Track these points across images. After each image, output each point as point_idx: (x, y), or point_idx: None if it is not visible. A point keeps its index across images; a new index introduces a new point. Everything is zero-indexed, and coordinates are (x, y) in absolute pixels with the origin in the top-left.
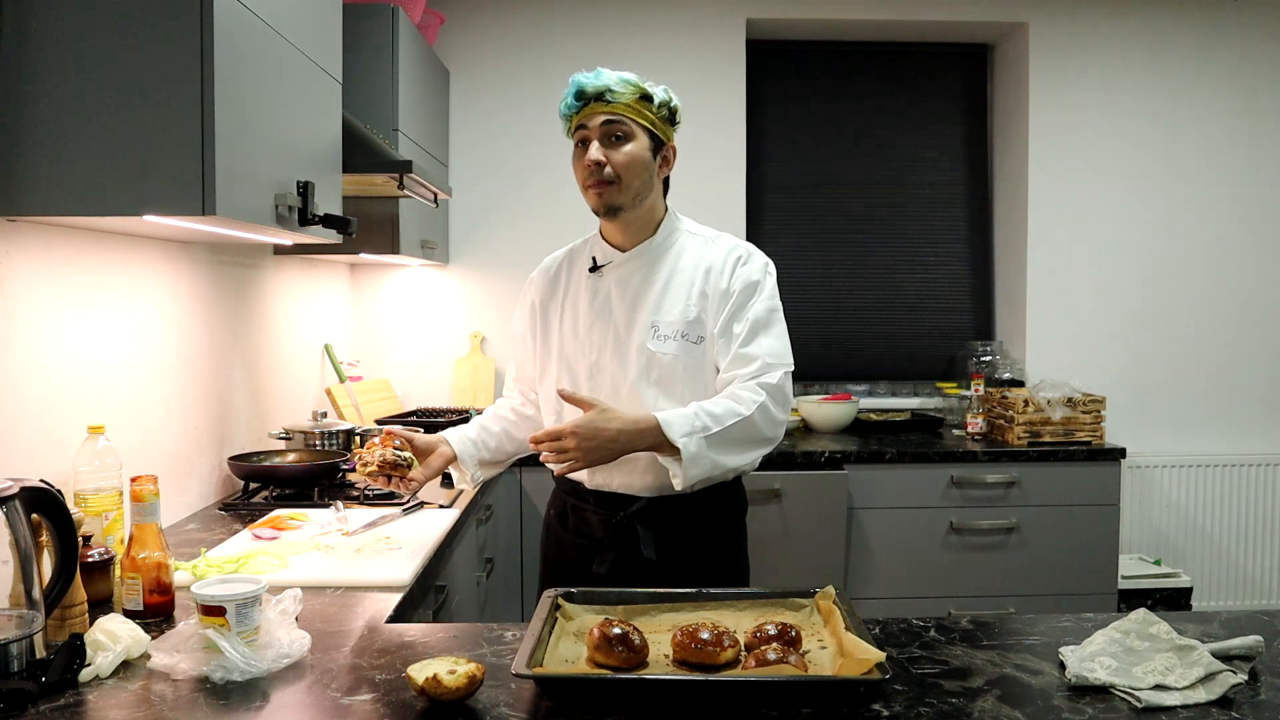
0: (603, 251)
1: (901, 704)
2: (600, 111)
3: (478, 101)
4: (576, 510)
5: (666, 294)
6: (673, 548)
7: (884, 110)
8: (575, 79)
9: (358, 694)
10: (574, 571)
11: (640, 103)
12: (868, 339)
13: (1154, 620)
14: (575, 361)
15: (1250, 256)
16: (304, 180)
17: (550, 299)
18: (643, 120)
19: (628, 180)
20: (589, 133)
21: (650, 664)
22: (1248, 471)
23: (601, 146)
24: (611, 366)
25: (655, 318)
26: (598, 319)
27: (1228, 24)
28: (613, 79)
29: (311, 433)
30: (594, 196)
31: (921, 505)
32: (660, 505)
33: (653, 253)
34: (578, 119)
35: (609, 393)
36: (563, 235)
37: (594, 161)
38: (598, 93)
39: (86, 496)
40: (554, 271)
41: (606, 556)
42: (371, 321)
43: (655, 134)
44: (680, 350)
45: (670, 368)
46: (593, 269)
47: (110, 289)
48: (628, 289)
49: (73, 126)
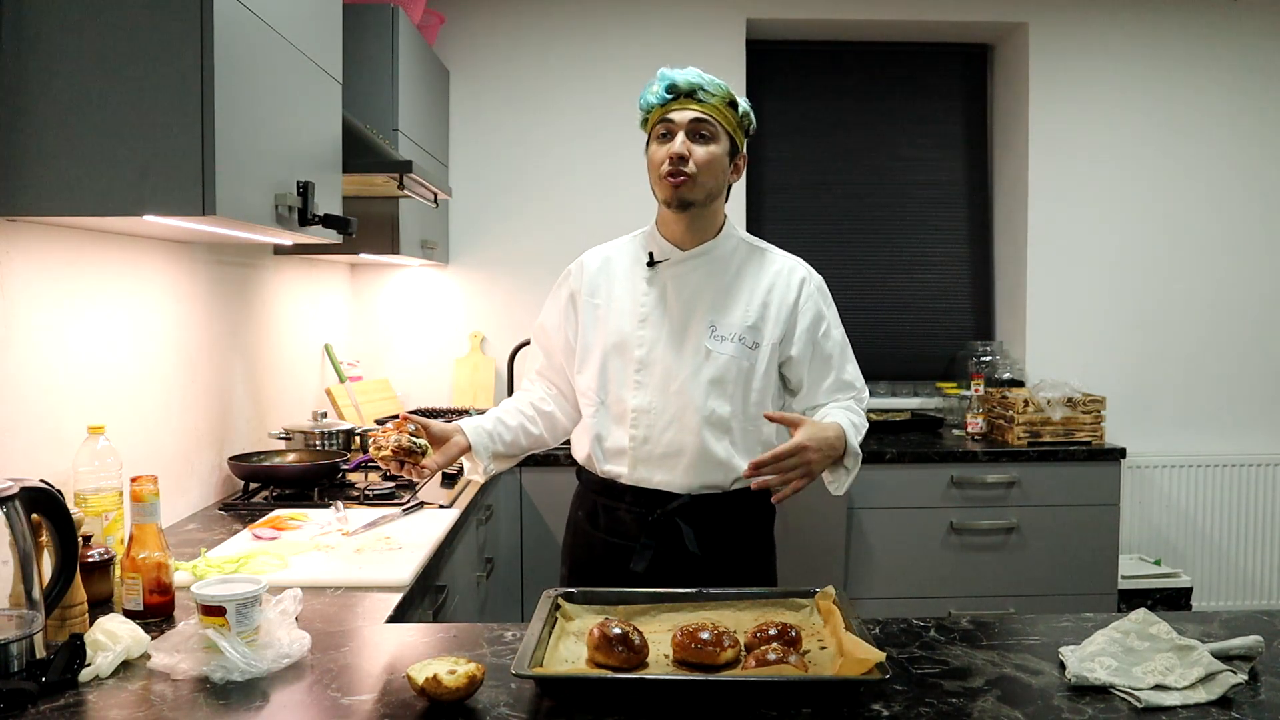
0: (660, 248)
1: (901, 704)
2: (690, 108)
3: (478, 101)
4: (609, 509)
5: (727, 296)
6: (711, 545)
7: (884, 110)
8: (666, 73)
9: (358, 694)
10: (606, 571)
11: (727, 107)
12: (868, 339)
13: (1154, 620)
14: (626, 353)
15: (1250, 256)
16: (304, 180)
17: (596, 291)
18: (727, 124)
19: (705, 178)
20: (675, 126)
21: (650, 664)
22: (1248, 471)
23: (687, 141)
24: (665, 360)
25: (713, 318)
26: (652, 312)
27: (1228, 24)
28: (706, 79)
29: (311, 433)
30: (669, 187)
31: (921, 505)
32: (702, 503)
33: (714, 254)
34: (664, 111)
35: (659, 386)
36: (563, 235)
37: (678, 154)
38: (690, 89)
39: (86, 496)
40: (600, 264)
41: (644, 554)
42: (371, 321)
43: (733, 140)
44: (737, 352)
45: (725, 368)
46: (650, 263)
47: (110, 289)
48: (685, 286)
49: (73, 127)
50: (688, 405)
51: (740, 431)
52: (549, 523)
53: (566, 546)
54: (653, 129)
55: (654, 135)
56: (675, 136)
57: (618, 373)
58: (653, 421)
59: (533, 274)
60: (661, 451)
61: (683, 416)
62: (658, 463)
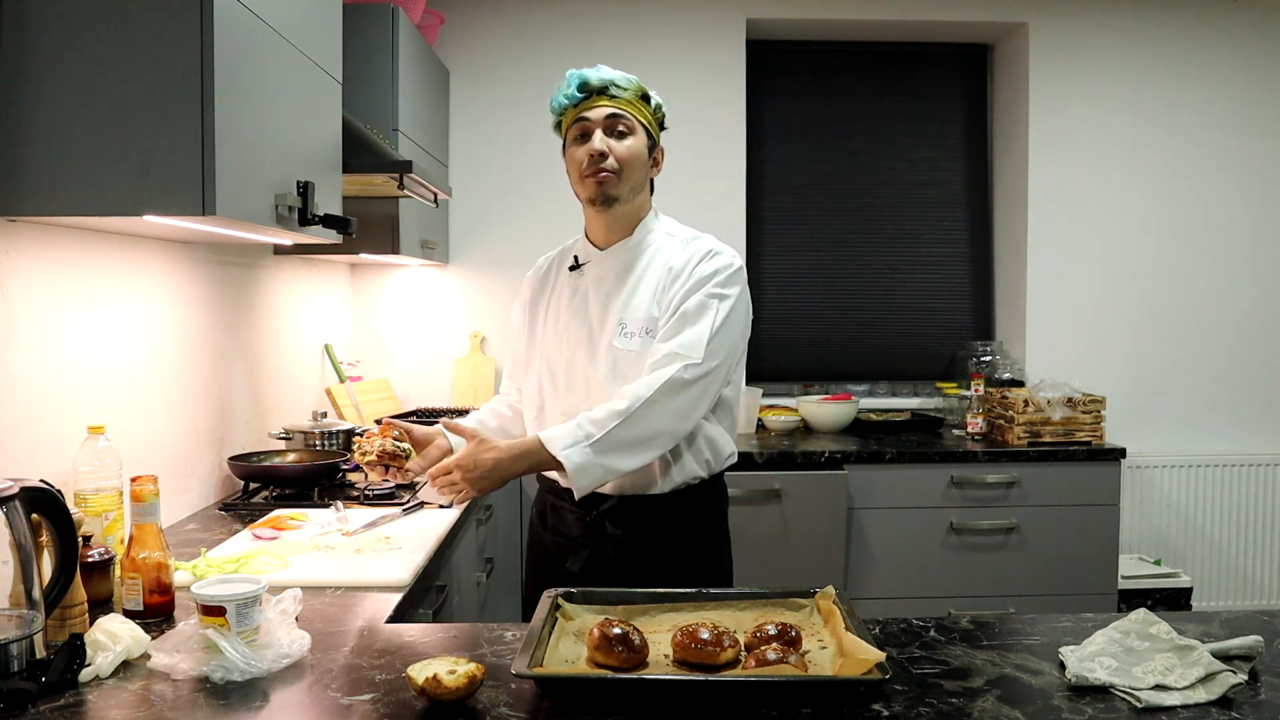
0: (584, 250)
1: (901, 704)
2: (604, 105)
3: (478, 101)
4: (555, 509)
5: (636, 292)
6: (644, 546)
7: (884, 110)
8: (576, 73)
9: (358, 694)
10: (554, 570)
11: (641, 101)
12: (868, 339)
13: (1154, 620)
14: (554, 359)
15: (1250, 256)
16: (304, 180)
17: (539, 297)
18: (642, 118)
19: (628, 173)
20: (590, 124)
21: (650, 664)
22: (1248, 471)
23: (605, 138)
24: (584, 364)
25: (623, 315)
26: (574, 317)
27: (1228, 24)
28: (617, 74)
29: (311, 433)
30: (593, 185)
31: (921, 505)
32: (631, 504)
33: (628, 252)
34: (578, 111)
35: (582, 390)
36: (563, 235)
37: (598, 151)
38: (602, 86)
39: (86, 496)
40: (544, 270)
41: (580, 554)
42: (371, 321)
43: (650, 133)
44: (643, 347)
45: (634, 365)
46: (573, 267)
47: (110, 289)
48: (602, 287)
49: (73, 126)
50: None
51: None
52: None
53: (526, 545)
54: (568, 130)
55: (570, 137)
56: (593, 134)
57: (546, 381)
58: None
59: None
60: None
61: None
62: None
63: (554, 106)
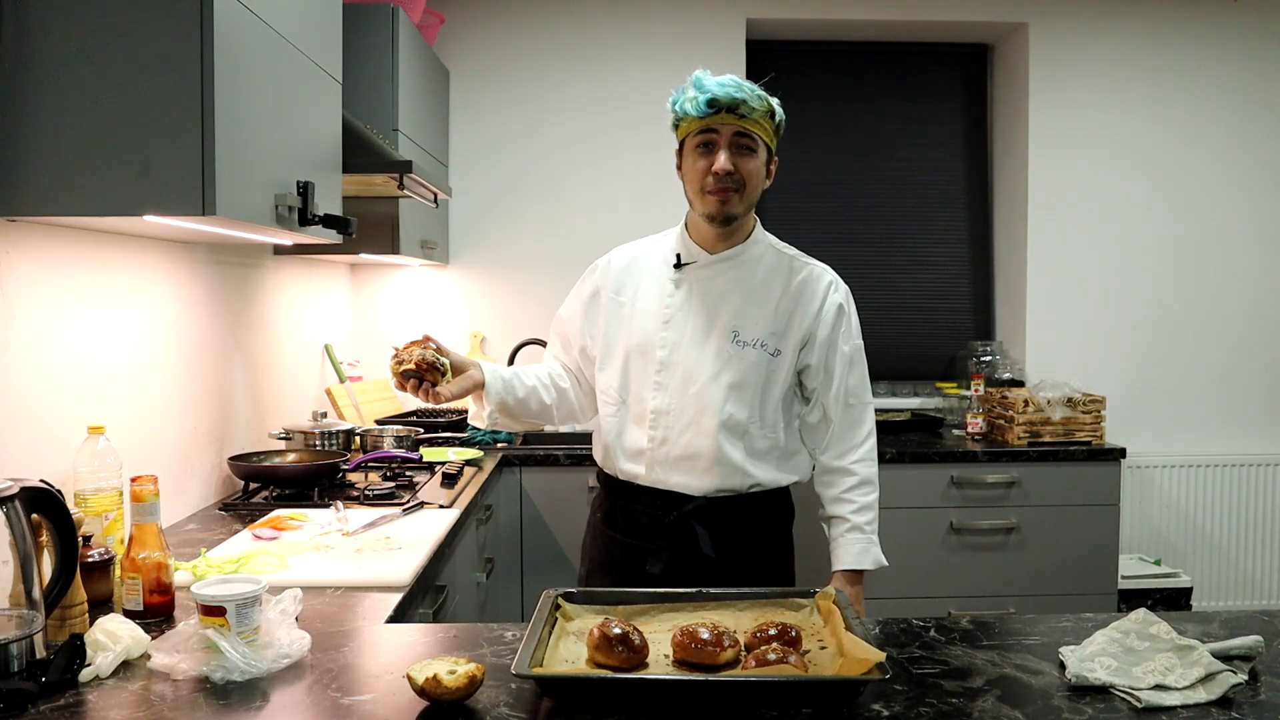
0: (688, 250)
1: (901, 704)
2: (732, 122)
3: (478, 101)
4: (626, 511)
5: (750, 302)
6: (728, 547)
7: (884, 110)
8: (705, 84)
9: (358, 694)
10: (623, 572)
11: (767, 119)
12: (868, 339)
13: (1154, 620)
14: (648, 354)
15: (1250, 256)
16: (304, 180)
17: (622, 289)
18: (766, 136)
19: (749, 191)
20: (717, 138)
21: (650, 664)
22: (1248, 471)
23: (732, 155)
24: (686, 362)
25: (737, 323)
26: (676, 314)
27: (1228, 24)
28: (748, 93)
29: (311, 433)
30: (715, 203)
31: (921, 505)
32: (717, 505)
33: (741, 259)
34: (705, 123)
35: (680, 387)
36: (563, 235)
37: (725, 169)
38: (732, 105)
39: (86, 496)
40: (628, 262)
41: (661, 556)
42: (371, 321)
43: (769, 147)
44: (758, 359)
45: (746, 374)
46: (677, 265)
47: (110, 289)
48: (710, 290)
49: (73, 126)
50: (706, 408)
51: (756, 437)
52: (549, 523)
53: (585, 547)
54: (689, 137)
55: (691, 145)
56: (717, 149)
57: (639, 373)
58: (671, 423)
59: (533, 274)
60: (679, 454)
61: (700, 420)
62: (675, 465)
63: (678, 110)
